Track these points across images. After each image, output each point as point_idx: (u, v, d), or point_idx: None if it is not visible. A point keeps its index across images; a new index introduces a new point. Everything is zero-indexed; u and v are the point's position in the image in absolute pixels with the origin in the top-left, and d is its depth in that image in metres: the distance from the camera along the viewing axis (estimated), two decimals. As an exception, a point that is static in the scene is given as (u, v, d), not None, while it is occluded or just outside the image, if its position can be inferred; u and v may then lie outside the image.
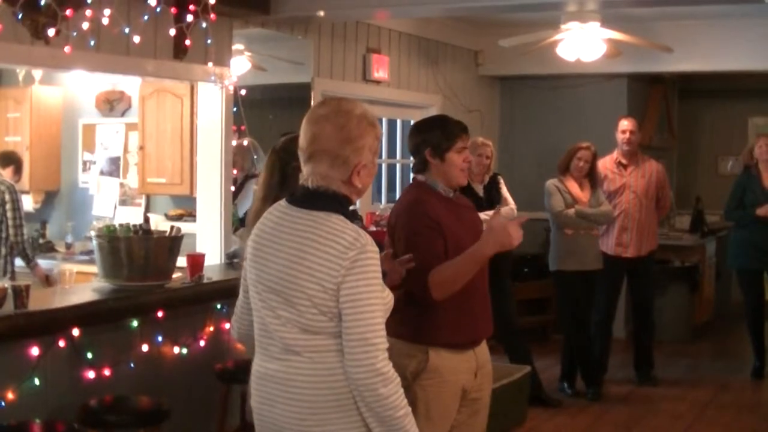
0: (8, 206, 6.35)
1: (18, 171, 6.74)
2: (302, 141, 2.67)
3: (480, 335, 3.64)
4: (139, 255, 4.44)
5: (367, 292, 2.54)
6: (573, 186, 6.65)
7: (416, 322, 3.47)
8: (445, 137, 3.59)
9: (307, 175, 2.66)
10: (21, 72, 7.33)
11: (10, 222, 6.34)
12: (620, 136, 7.08)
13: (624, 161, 7.09)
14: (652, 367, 7.30)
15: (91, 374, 4.17)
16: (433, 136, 3.61)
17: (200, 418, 4.71)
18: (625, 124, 7.11)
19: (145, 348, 4.49)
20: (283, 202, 2.72)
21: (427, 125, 3.71)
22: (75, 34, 4.71)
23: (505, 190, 6.37)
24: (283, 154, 3.70)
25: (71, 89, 7.52)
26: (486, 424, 3.77)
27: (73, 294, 4.39)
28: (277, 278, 2.62)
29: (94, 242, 4.53)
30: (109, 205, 7.39)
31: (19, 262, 6.47)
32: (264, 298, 2.66)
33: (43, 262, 6.60)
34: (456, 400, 3.57)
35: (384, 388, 2.52)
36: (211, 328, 4.89)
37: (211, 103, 5.93)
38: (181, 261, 4.84)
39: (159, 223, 6.32)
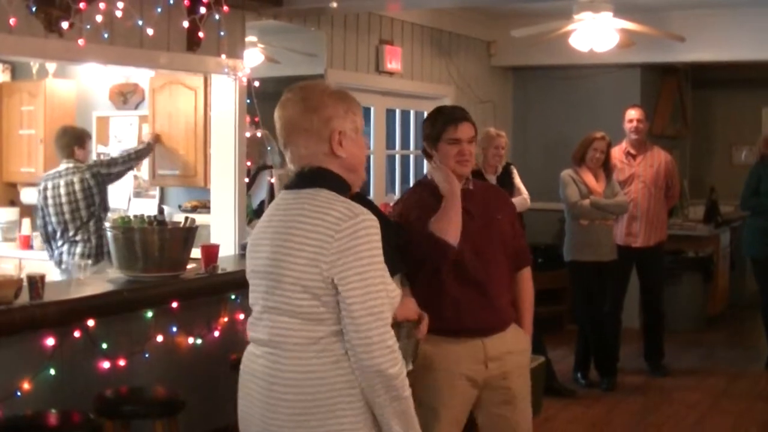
0: (95, 190, 6.22)
1: (82, 147, 6.32)
2: (277, 129, 2.68)
3: (485, 325, 3.57)
4: (153, 246, 4.47)
5: (369, 264, 2.48)
6: (588, 177, 6.63)
7: None
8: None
9: (291, 159, 2.67)
10: (35, 65, 7.36)
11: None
12: (628, 126, 7.08)
13: (633, 151, 7.08)
14: (663, 357, 7.29)
15: (106, 365, 4.21)
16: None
17: (215, 409, 4.73)
18: (632, 113, 7.10)
19: (159, 339, 4.52)
20: (281, 192, 2.72)
21: None
22: (88, 26, 4.74)
23: (518, 180, 6.40)
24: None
25: (85, 82, 7.54)
26: (529, 416, 3.75)
27: (88, 285, 4.42)
28: (266, 263, 2.59)
29: (109, 234, 4.56)
30: (123, 197, 7.41)
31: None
32: (254, 285, 2.67)
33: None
34: (453, 389, 3.52)
35: (393, 369, 2.48)
36: (226, 319, 4.91)
37: (225, 95, 5.94)
38: (196, 252, 4.87)
39: (173, 215, 6.34)
